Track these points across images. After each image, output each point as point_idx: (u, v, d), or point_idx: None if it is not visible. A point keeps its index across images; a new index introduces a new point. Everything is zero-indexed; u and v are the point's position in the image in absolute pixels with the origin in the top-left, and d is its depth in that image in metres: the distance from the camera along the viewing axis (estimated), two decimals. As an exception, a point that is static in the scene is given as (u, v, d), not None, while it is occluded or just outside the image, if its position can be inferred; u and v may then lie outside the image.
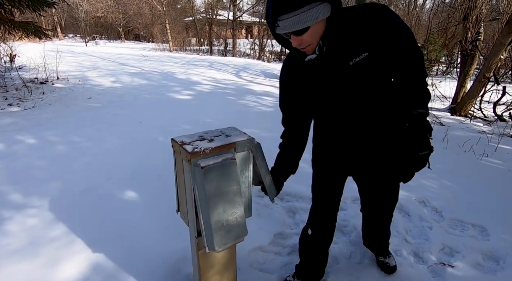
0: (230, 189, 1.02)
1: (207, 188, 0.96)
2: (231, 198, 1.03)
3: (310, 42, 0.95)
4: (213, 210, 0.98)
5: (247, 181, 1.18)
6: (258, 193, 2.50)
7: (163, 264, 1.69)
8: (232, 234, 1.04)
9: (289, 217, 2.31)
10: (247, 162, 1.14)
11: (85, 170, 2.70)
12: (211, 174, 0.97)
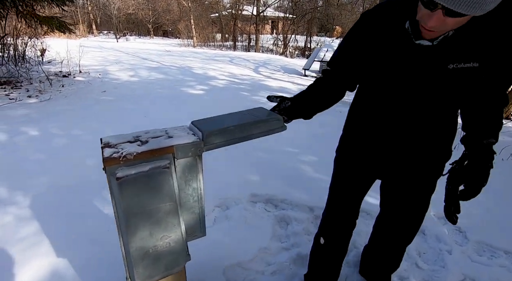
0: (160, 207, 0.80)
1: (125, 205, 0.75)
2: (161, 218, 0.81)
3: (444, 30, 0.74)
4: (133, 234, 0.77)
5: (196, 193, 0.95)
6: (250, 198, 2.27)
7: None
8: (162, 264, 0.82)
9: (281, 227, 2.05)
10: (193, 170, 0.91)
11: (79, 165, 2.63)
12: (130, 187, 0.75)
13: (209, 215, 2.11)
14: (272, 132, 1.06)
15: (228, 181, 2.50)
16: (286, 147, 3.33)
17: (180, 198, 0.92)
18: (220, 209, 2.19)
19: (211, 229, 1.97)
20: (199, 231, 1.01)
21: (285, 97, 1.16)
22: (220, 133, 0.94)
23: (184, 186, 0.92)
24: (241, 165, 2.84)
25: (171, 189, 0.82)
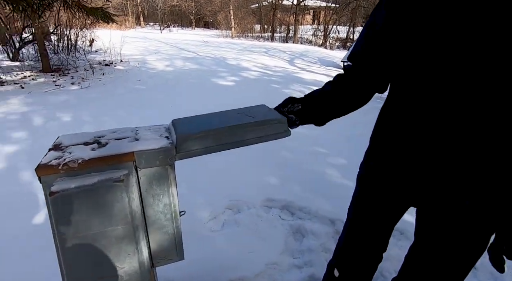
0: (107, 232, 0.63)
1: (61, 227, 0.59)
2: (109, 245, 0.64)
3: None
4: (70, 264, 0.61)
5: (168, 210, 0.77)
6: (265, 203, 2.06)
7: None
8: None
9: (295, 240, 1.81)
10: (163, 183, 0.73)
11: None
12: (67, 206, 0.59)
13: (218, 218, 1.95)
14: (272, 137, 0.83)
15: (242, 181, 2.32)
16: (313, 146, 3.04)
17: (147, 216, 0.74)
18: (231, 212, 2.02)
19: (218, 234, 1.80)
20: (175, 254, 0.83)
21: (295, 98, 0.92)
22: (201, 137, 0.74)
23: (152, 201, 0.74)
24: (259, 164, 2.63)
25: (125, 208, 0.64)
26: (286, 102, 0.91)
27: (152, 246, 0.80)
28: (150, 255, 0.80)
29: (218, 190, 2.19)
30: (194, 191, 2.16)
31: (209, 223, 1.90)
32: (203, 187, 2.22)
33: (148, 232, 0.77)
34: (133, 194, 0.66)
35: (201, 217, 1.92)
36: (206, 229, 1.85)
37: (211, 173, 2.43)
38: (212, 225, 1.89)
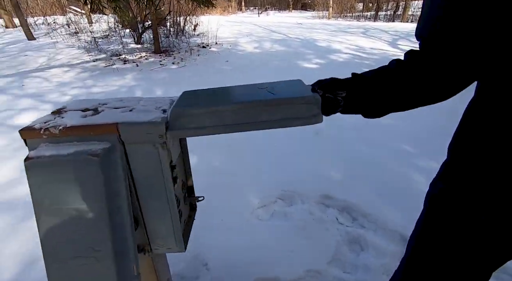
0: (82, 209, 0.57)
1: (35, 196, 0.56)
2: (84, 224, 0.58)
3: None
4: (46, 235, 0.58)
5: (164, 196, 0.67)
6: (322, 200, 1.81)
7: None
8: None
9: (350, 251, 1.52)
10: (155, 165, 0.63)
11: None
12: (41, 175, 0.55)
13: (268, 207, 1.82)
14: (296, 122, 0.61)
15: (300, 171, 2.10)
16: (398, 142, 2.51)
17: (140, 197, 0.66)
18: (282, 203, 1.86)
19: (264, 224, 1.68)
20: (174, 244, 0.74)
21: (338, 79, 0.66)
22: (200, 115, 0.59)
23: (146, 183, 0.65)
24: (324, 154, 2.34)
25: (100, 187, 0.56)
26: (327, 83, 0.66)
27: (149, 230, 0.73)
28: (148, 239, 0.73)
29: (273, 177, 2.05)
30: (248, 174, 2.09)
31: (258, 211, 1.80)
32: (257, 172, 2.12)
33: (143, 214, 0.70)
34: (115, 172, 0.58)
35: (251, 203, 1.83)
36: (253, 216, 1.75)
37: (269, 159, 2.30)
38: (260, 213, 1.78)
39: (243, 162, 2.26)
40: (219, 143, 2.51)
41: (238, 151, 2.41)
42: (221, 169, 2.18)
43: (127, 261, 0.63)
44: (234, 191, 1.92)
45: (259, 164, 2.23)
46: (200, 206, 1.82)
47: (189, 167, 0.86)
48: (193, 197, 0.91)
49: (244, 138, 2.61)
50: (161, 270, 0.84)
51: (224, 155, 2.36)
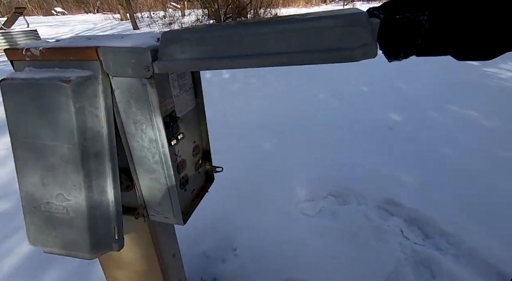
0: (54, 147, 0.48)
1: (11, 125, 0.49)
2: (56, 166, 0.49)
3: None
4: (21, 171, 0.51)
5: (155, 149, 0.55)
6: (384, 205, 1.49)
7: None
8: (58, 236, 0.53)
9: (415, 275, 1.17)
10: (143, 105, 0.50)
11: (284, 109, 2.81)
12: (14, 100, 0.48)
13: (316, 202, 1.58)
14: (333, 55, 0.39)
15: (362, 167, 1.76)
16: (498, 149, 1.89)
17: (132, 147, 0.55)
18: (334, 200, 1.59)
19: (308, 220, 1.46)
20: (171, 213, 0.62)
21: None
22: (196, 41, 0.44)
23: (135, 130, 0.53)
24: (396, 152, 1.92)
25: (70, 121, 0.46)
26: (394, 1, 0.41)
27: (144, 192, 0.61)
28: (144, 202, 0.63)
29: (328, 170, 1.78)
30: (299, 163, 1.87)
31: (304, 204, 1.58)
32: (310, 162, 1.88)
33: (137, 172, 0.59)
34: (93, 108, 0.48)
35: (296, 193, 1.62)
36: (297, 209, 1.54)
37: (326, 150, 2.01)
38: (305, 207, 1.56)
39: (295, 150, 2.05)
40: (272, 129, 2.35)
41: (292, 139, 2.20)
42: (270, 154, 2.02)
43: (104, 219, 0.52)
44: (280, 179, 1.74)
45: (314, 154, 1.98)
46: (239, 187, 1.70)
47: (206, 128, 0.72)
48: (210, 165, 0.77)
49: (301, 125, 2.38)
50: (164, 242, 0.74)
51: (277, 140, 2.18)
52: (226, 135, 2.25)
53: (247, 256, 1.27)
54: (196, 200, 0.72)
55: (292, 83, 3.55)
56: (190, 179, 0.69)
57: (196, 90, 0.67)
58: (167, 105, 0.55)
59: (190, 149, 0.68)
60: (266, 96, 3.10)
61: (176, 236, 0.82)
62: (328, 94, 3.09)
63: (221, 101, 2.98)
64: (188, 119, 0.65)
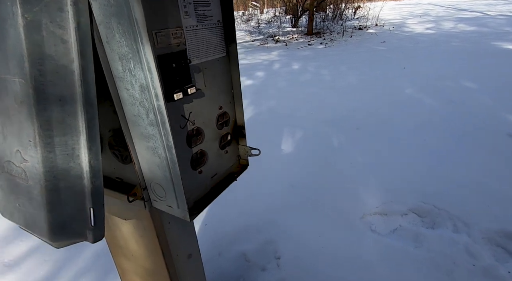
0: (2, 80, 0.34)
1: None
2: (9, 109, 0.35)
3: None
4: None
5: (150, 105, 0.36)
6: (491, 233, 1.05)
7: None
8: (21, 207, 0.40)
9: None
10: (128, 32, 0.32)
11: (301, 98, 2.56)
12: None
13: (390, 218, 1.22)
14: None
15: (461, 180, 1.29)
16: None
17: (122, 99, 0.38)
18: (417, 218, 1.20)
19: (377, 239, 1.12)
20: (172, 199, 0.43)
21: None
22: None
23: (122, 71, 0.36)
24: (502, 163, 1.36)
25: (19, 43, 0.31)
26: None
27: (143, 168, 0.44)
28: (143, 182, 0.46)
29: (412, 178, 1.38)
30: (373, 164, 1.50)
31: (373, 218, 1.24)
32: (388, 164, 1.50)
33: (132, 136, 0.42)
34: (58, 28, 0.32)
35: (365, 202, 1.29)
36: (364, 223, 1.21)
37: (410, 154, 1.58)
38: (375, 222, 1.22)
39: (370, 150, 1.68)
40: (344, 124, 2.01)
41: (368, 137, 1.83)
42: (340, 152, 1.70)
43: (72, 195, 0.37)
44: (347, 182, 1.42)
45: (394, 158, 1.58)
46: (297, 184, 1.45)
47: (240, 92, 0.51)
48: (243, 145, 0.56)
49: (381, 123, 1.97)
50: (175, 238, 0.56)
51: (349, 138, 1.84)
52: (290, 127, 2.02)
53: (291, 270, 1.03)
54: (217, 189, 0.52)
55: (369, 74, 3.07)
56: (210, 158, 0.49)
57: (228, 31, 0.47)
58: (169, 36, 0.36)
59: (212, 115, 0.48)
60: (339, 88, 2.74)
61: (195, 232, 0.64)
62: (416, 87, 2.54)
63: (288, 92, 2.76)
64: (212, 72, 0.45)
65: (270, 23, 9.85)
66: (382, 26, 6.98)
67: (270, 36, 7.25)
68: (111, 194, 0.51)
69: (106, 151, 0.50)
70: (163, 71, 0.35)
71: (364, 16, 9.24)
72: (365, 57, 3.98)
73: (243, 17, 11.88)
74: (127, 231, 0.56)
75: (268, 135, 1.95)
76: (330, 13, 8.84)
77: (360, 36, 6.04)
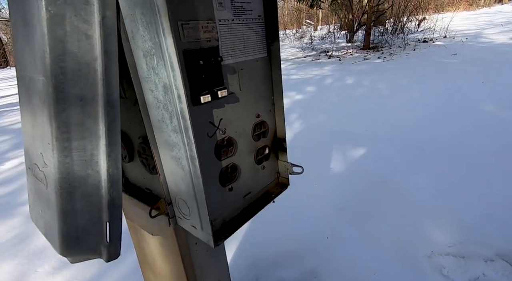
0: (30, 79, 0.33)
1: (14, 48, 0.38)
2: (35, 109, 0.34)
3: None
4: (22, 116, 0.39)
5: (173, 108, 0.32)
6: None
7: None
8: (43, 213, 0.38)
9: None
10: (151, 24, 0.28)
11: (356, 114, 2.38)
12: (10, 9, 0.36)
13: (470, 261, 0.98)
14: None
15: None
16: None
17: (148, 102, 0.35)
18: (509, 267, 0.94)
19: None
20: (196, 218, 0.37)
21: None
22: None
23: (146, 69, 0.32)
24: None
25: (42, 39, 0.29)
26: None
27: (168, 181, 0.40)
28: (168, 196, 0.41)
29: (501, 215, 1.11)
30: (443, 191, 1.26)
31: (444, 259, 1.01)
32: (466, 194, 1.24)
33: (157, 144, 0.38)
34: (83, 23, 0.29)
35: (433, 238, 1.07)
36: (431, 263, 1.00)
37: (498, 184, 1.29)
38: (446, 265, 0.99)
39: (439, 175, 1.43)
40: (406, 143, 1.77)
41: (435, 160, 1.57)
42: (400, 173, 1.49)
43: (87, 206, 0.33)
44: (409, 209, 1.21)
45: (473, 187, 1.31)
46: (347, 208, 1.30)
47: (282, 101, 0.44)
48: (283, 161, 0.48)
49: (452, 145, 1.68)
50: (202, 263, 0.50)
51: (412, 158, 1.61)
52: (341, 144, 1.87)
53: None
54: (250, 210, 0.44)
55: (436, 88, 2.73)
56: (243, 174, 0.42)
57: (270, 28, 0.40)
58: (198, 29, 0.31)
59: (247, 124, 0.41)
60: (399, 104, 2.48)
61: (226, 254, 0.57)
62: (498, 104, 2.15)
63: (340, 107, 2.60)
64: (250, 74, 0.39)
65: (324, 39, 9.76)
66: (453, 38, 6.34)
67: (323, 52, 7.15)
68: (139, 205, 0.48)
69: (137, 159, 0.47)
70: (189, 69, 0.30)
71: (429, 28, 8.56)
72: (431, 70, 3.59)
73: (296, 34, 12.02)
74: (154, 247, 0.52)
75: (316, 152, 1.82)
76: (389, 27, 8.41)
77: (425, 48, 5.55)
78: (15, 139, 2.60)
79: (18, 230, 1.38)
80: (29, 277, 1.11)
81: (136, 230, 0.55)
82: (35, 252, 1.23)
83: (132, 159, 0.47)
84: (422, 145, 1.72)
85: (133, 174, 0.49)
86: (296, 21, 19.16)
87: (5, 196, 1.70)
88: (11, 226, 1.41)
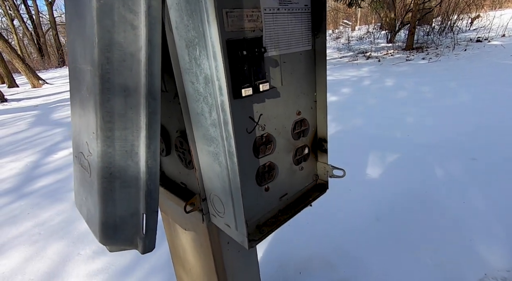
0: (81, 70, 0.34)
1: (67, 42, 0.39)
2: (83, 100, 0.35)
3: None
4: (72, 105, 0.41)
5: (213, 99, 0.31)
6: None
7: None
8: (87, 201, 0.39)
9: None
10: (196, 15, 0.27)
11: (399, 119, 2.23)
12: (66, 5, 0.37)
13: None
14: None
15: None
16: None
17: (188, 94, 0.34)
18: None
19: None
20: (231, 217, 0.36)
21: None
22: None
23: (188, 60, 0.31)
24: None
25: (92, 29, 0.29)
26: None
27: (204, 176, 0.39)
28: (203, 192, 0.40)
29: None
30: (499, 205, 1.12)
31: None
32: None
33: (195, 139, 0.37)
34: (130, 12, 0.29)
35: (486, 260, 0.96)
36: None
37: None
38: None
39: (494, 187, 1.28)
40: (454, 152, 1.62)
41: (489, 171, 1.42)
42: (445, 184, 1.36)
43: (126, 196, 0.33)
44: (456, 223, 1.10)
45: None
46: (385, 218, 1.22)
47: (325, 98, 0.41)
48: (323, 163, 0.45)
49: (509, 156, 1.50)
50: (234, 263, 0.49)
51: (461, 168, 1.47)
52: (379, 150, 1.77)
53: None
54: (285, 212, 0.42)
55: (492, 92, 2.46)
56: (281, 174, 0.40)
57: (316, 19, 0.38)
58: (243, 18, 0.29)
59: (287, 121, 0.39)
60: (446, 108, 2.28)
61: (257, 256, 0.55)
62: None
63: (379, 111, 2.46)
64: (293, 67, 0.37)
65: (362, 40, 9.37)
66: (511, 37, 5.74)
67: (360, 53, 6.86)
68: (174, 199, 0.48)
69: (174, 153, 0.47)
70: (231, 60, 0.28)
71: (484, 27, 7.83)
72: (486, 72, 3.26)
73: (332, 35, 11.70)
74: (186, 242, 0.52)
75: (351, 156, 1.73)
76: (436, 26, 7.83)
77: (479, 49, 5.07)
78: (67, 132, 2.85)
79: (66, 214, 1.50)
80: (72, 259, 1.19)
81: (169, 223, 0.56)
82: (79, 236, 1.32)
83: (169, 153, 0.47)
84: (474, 154, 1.56)
85: (169, 168, 0.49)
86: (333, 21, 18.65)
87: (56, 182, 1.86)
88: (60, 210, 1.54)
